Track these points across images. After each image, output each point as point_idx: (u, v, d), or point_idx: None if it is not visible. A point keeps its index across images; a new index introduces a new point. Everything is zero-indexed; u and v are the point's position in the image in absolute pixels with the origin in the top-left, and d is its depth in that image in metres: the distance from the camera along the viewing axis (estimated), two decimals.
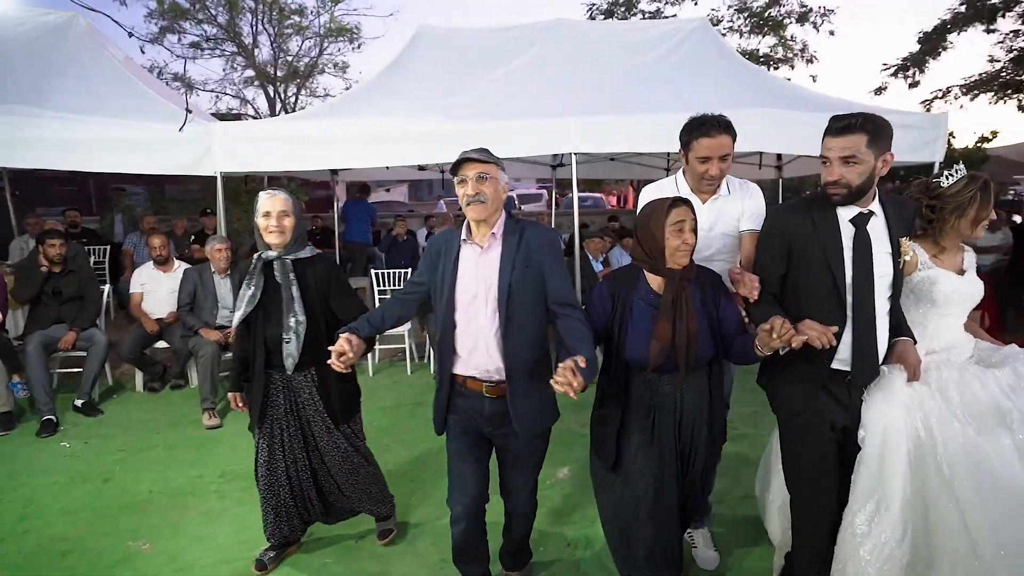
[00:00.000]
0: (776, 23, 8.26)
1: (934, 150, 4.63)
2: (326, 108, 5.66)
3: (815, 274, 1.89)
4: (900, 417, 1.86)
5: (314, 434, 2.42)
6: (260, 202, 2.27)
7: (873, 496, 1.85)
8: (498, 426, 2.01)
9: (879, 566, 1.81)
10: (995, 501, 1.74)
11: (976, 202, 2.00)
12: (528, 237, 1.97)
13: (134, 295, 4.89)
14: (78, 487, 3.21)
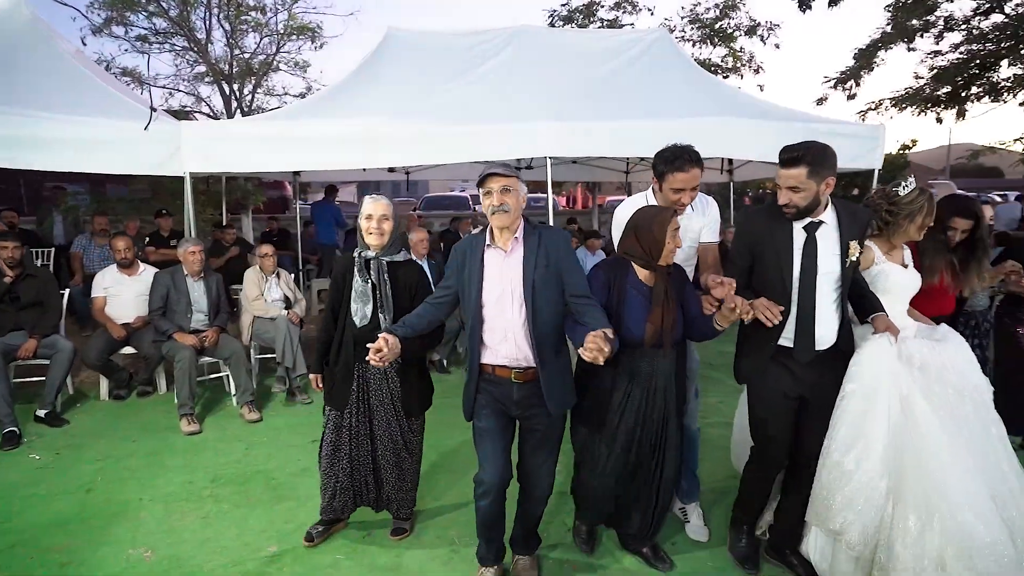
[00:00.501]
0: (727, 35, 8.77)
1: (874, 158, 5.08)
2: (298, 108, 5.59)
3: (769, 269, 2.28)
4: (886, 373, 2.17)
5: (375, 423, 2.60)
6: (364, 205, 2.53)
7: (859, 439, 2.15)
8: (527, 408, 2.24)
9: (865, 497, 2.10)
10: (960, 452, 2.06)
11: (924, 210, 2.38)
12: (545, 240, 2.22)
13: (97, 300, 4.70)
14: (60, 499, 3.10)
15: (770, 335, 2.25)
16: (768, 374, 2.33)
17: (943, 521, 1.98)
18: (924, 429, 2.09)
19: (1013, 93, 7.37)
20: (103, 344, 4.47)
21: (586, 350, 1.89)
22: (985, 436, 2.16)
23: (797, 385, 2.30)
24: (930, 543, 1.99)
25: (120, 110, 5.07)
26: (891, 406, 2.15)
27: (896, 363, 2.20)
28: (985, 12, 7.54)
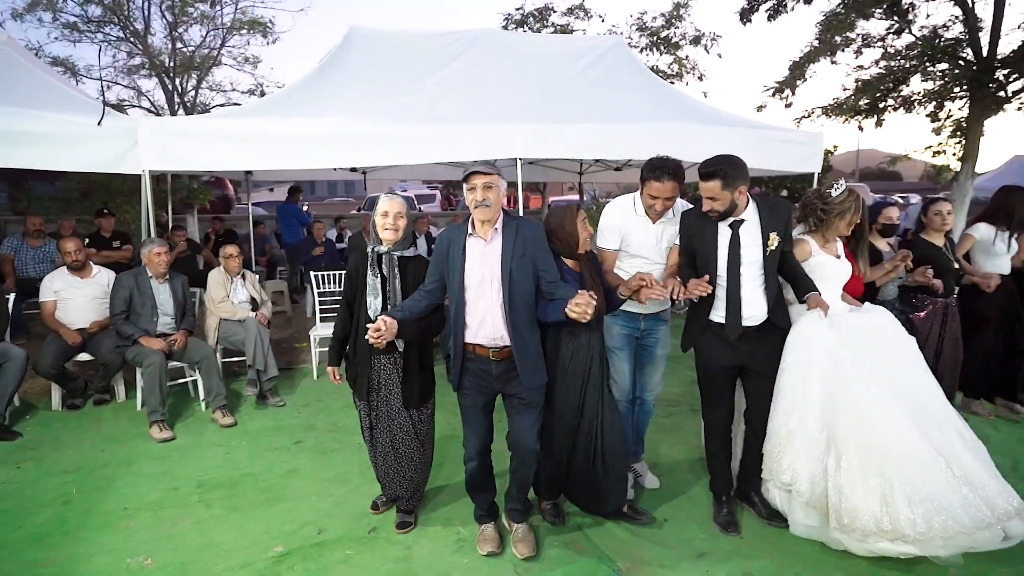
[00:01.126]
0: (672, 44, 9.23)
1: (814, 162, 5.55)
2: (259, 106, 5.44)
3: (701, 260, 2.67)
4: (819, 343, 2.57)
5: (392, 411, 2.71)
6: (380, 203, 2.63)
7: (799, 402, 2.53)
8: (507, 381, 2.48)
9: (807, 451, 2.49)
10: (890, 402, 2.42)
11: (852, 209, 2.81)
12: (522, 231, 2.44)
13: (46, 304, 4.42)
14: (34, 514, 2.94)
15: (704, 311, 2.69)
16: (706, 346, 2.73)
17: (882, 462, 2.33)
18: (856, 388, 2.46)
19: (923, 105, 8.23)
20: (57, 351, 4.22)
21: (574, 307, 2.20)
22: (918, 385, 2.54)
23: (735, 356, 2.67)
24: (873, 482, 2.33)
25: (66, 103, 4.80)
26: (824, 370, 2.53)
27: (827, 333, 2.58)
28: (896, 32, 8.36)
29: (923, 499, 2.25)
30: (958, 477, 2.30)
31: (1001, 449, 3.66)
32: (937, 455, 2.33)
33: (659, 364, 3.05)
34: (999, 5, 7.26)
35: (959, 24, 7.70)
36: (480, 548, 2.62)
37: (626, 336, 2.97)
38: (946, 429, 2.43)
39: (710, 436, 2.88)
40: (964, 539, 2.24)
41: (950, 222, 3.80)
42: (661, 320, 3.03)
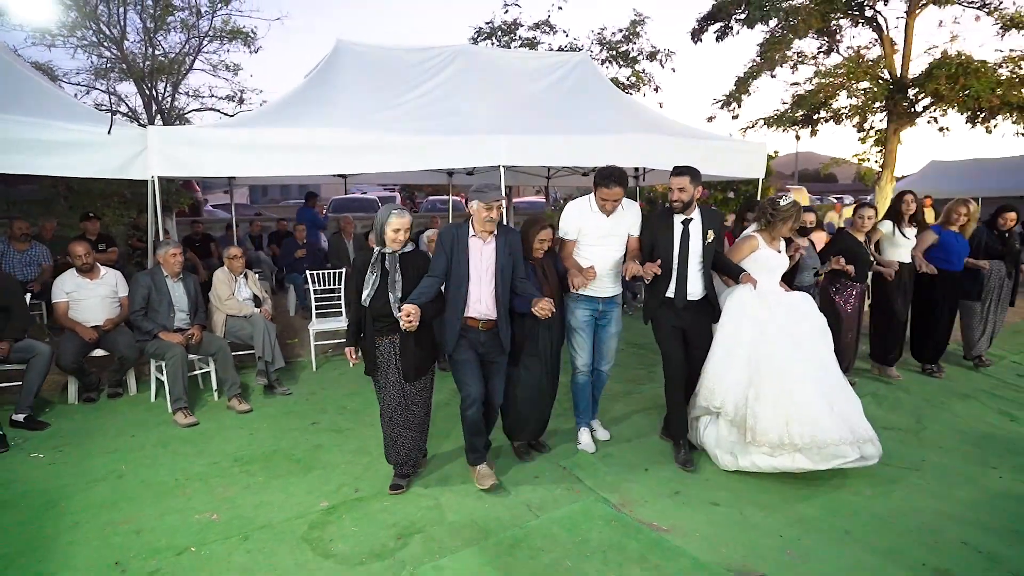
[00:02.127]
0: (630, 58, 9.97)
1: (759, 168, 6.32)
2: (257, 116, 5.77)
3: (661, 249, 3.44)
4: (748, 309, 3.39)
5: (392, 384, 3.16)
6: (392, 219, 3.09)
7: (730, 352, 3.35)
8: (488, 348, 3.24)
9: (735, 384, 3.30)
10: (797, 361, 3.25)
11: (793, 217, 3.58)
12: (508, 237, 3.23)
13: (59, 305, 4.66)
14: (94, 486, 3.28)
15: (661, 290, 3.48)
16: (661, 315, 3.52)
17: (789, 399, 3.17)
18: (774, 346, 3.28)
19: (849, 118, 9.26)
20: (76, 347, 4.48)
21: (541, 309, 3.02)
22: (819, 351, 3.37)
23: (680, 321, 3.49)
24: (780, 411, 3.16)
25: (74, 113, 5.04)
26: (751, 330, 3.34)
27: (756, 302, 3.39)
28: (826, 52, 9.38)
29: (810, 422, 3.13)
30: (835, 412, 3.19)
31: (908, 407, 4.47)
32: (823, 397, 3.21)
33: (614, 340, 3.72)
34: (909, 30, 8.31)
35: (877, 47, 8.74)
36: (481, 483, 3.20)
37: (587, 319, 3.63)
38: (832, 382, 3.31)
39: (671, 387, 3.55)
40: (833, 449, 3.12)
41: (869, 224, 4.69)
42: (614, 303, 3.69)
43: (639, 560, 2.60)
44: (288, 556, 2.65)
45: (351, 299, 3.23)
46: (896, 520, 2.91)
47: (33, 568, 2.54)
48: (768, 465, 3.21)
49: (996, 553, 2.64)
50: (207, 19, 8.55)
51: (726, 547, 2.69)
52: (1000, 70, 7.87)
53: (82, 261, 4.73)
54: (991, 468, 3.45)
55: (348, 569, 2.55)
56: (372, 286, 3.09)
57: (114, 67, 8.45)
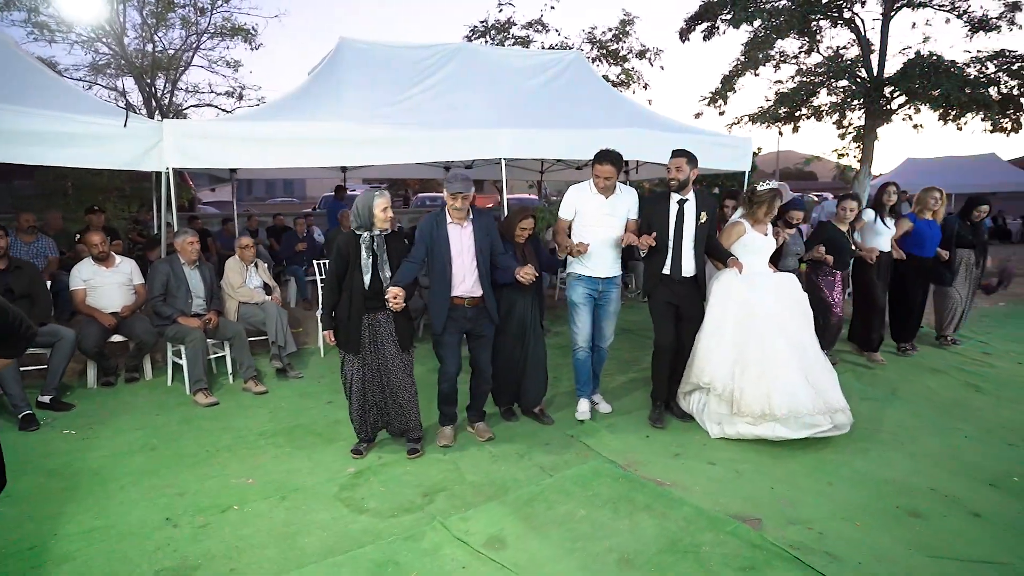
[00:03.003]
0: (620, 57, 10.29)
1: (745, 162, 6.65)
2: (266, 110, 5.95)
3: (658, 227, 3.70)
4: (735, 290, 3.69)
5: (392, 356, 3.39)
6: (377, 199, 3.28)
7: (718, 330, 3.67)
8: (476, 323, 3.54)
9: (721, 361, 3.61)
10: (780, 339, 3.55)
11: (767, 201, 3.88)
12: (483, 221, 3.52)
13: (77, 292, 4.81)
14: (131, 457, 3.47)
15: (658, 265, 3.75)
16: (658, 290, 3.79)
17: (770, 375, 3.47)
18: (759, 324, 3.59)
19: (829, 115, 9.66)
20: (97, 333, 4.64)
21: (524, 274, 3.36)
22: (800, 329, 3.67)
23: (674, 297, 3.77)
24: (762, 386, 3.46)
25: (87, 106, 5.19)
26: (737, 311, 3.65)
27: (742, 284, 3.68)
28: (807, 51, 9.77)
29: (788, 394, 3.44)
30: (811, 385, 3.50)
31: (884, 381, 4.81)
32: (801, 372, 3.52)
33: (612, 318, 3.98)
34: (885, 31, 8.72)
35: (856, 47, 9.14)
36: (440, 441, 3.61)
37: (587, 295, 3.87)
38: (811, 357, 3.62)
39: (657, 355, 3.88)
40: (808, 419, 3.41)
41: (851, 215, 4.98)
42: (614, 284, 3.91)
43: (646, 509, 2.87)
44: (325, 512, 2.88)
45: (332, 283, 3.38)
46: (873, 473, 3.23)
47: (89, 523, 2.75)
48: (751, 433, 3.51)
49: (959, 497, 2.97)
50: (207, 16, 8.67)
51: (724, 498, 2.98)
52: (968, 69, 8.32)
53: (98, 250, 4.88)
54: (957, 429, 3.79)
55: (382, 521, 2.80)
56: (369, 268, 3.29)
57: (112, 63, 8.53)
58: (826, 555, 2.49)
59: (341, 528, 2.73)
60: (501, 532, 2.68)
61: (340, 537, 2.65)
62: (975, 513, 2.83)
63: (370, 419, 3.49)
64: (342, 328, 3.37)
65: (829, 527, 2.70)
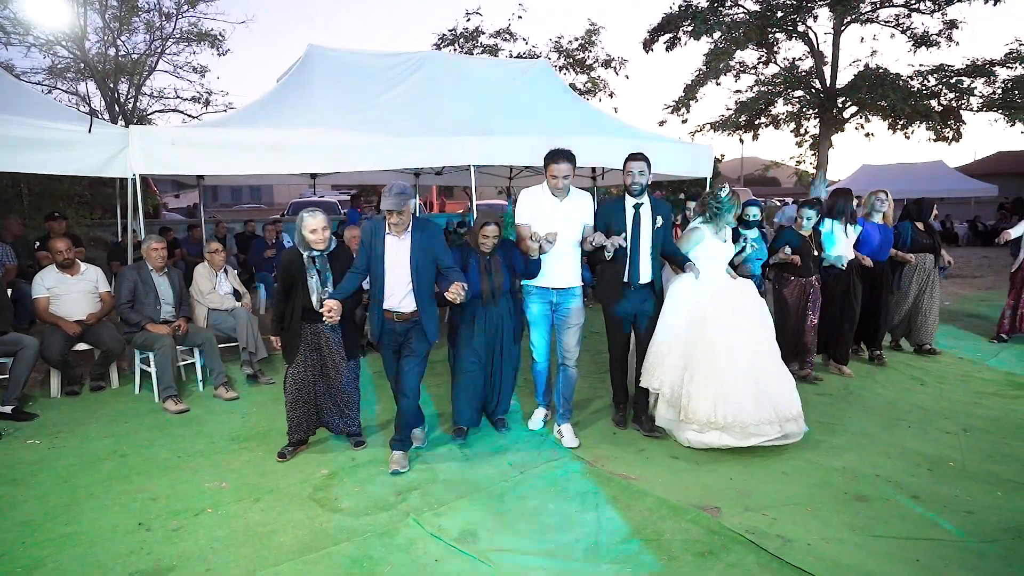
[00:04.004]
0: (586, 65, 10.54)
1: (706, 168, 6.91)
2: (233, 117, 5.94)
3: (614, 233, 3.58)
4: (689, 296, 3.68)
5: (332, 365, 3.53)
6: (305, 220, 3.31)
7: (669, 336, 3.64)
8: (407, 336, 3.39)
9: (671, 368, 3.60)
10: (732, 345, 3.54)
11: (737, 207, 3.92)
12: (425, 231, 3.35)
13: (40, 300, 4.72)
14: (101, 464, 3.45)
15: (618, 274, 3.68)
16: (613, 298, 3.72)
17: (717, 383, 3.46)
18: (710, 331, 3.56)
19: (787, 124, 10.08)
20: (60, 341, 4.57)
21: (450, 293, 3.17)
22: (755, 336, 3.64)
23: (631, 307, 3.71)
24: (709, 392, 3.46)
25: (51, 112, 5.11)
26: (690, 316, 3.63)
27: (697, 289, 3.66)
28: (765, 62, 10.18)
29: (734, 403, 3.42)
30: (761, 393, 3.48)
31: (839, 380, 5.07)
32: (751, 380, 3.49)
33: (574, 332, 3.73)
34: (836, 45, 9.16)
35: (810, 58, 9.58)
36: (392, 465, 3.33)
37: (542, 312, 3.73)
38: (764, 365, 3.58)
39: (613, 361, 3.91)
40: (754, 428, 3.41)
41: (809, 225, 4.86)
42: (571, 294, 3.71)
43: (612, 500, 3.01)
44: (300, 512, 2.93)
45: (280, 295, 3.49)
46: (823, 462, 3.43)
47: (60, 530, 2.74)
48: (698, 441, 3.51)
49: (901, 482, 3.18)
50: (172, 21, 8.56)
51: (686, 489, 3.13)
52: (912, 82, 8.80)
53: (63, 257, 4.80)
54: (901, 421, 4.05)
55: (356, 519, 2.86)
56: (316, 290, 3.38)
57: (72, 67, 8.35)
58: (779, 538, 2.65)
59: (316, 527, 2.78)
60: (474, 527, 2.77)
61: (315, 535, 2.71)
62: (914, 495, 3.05)
63: (301, 422, 3.57)
64: (285, 337, 3.50)
65: (782, 513, 2.88)
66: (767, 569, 2.43)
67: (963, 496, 3.03)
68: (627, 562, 2.49)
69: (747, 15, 8.88)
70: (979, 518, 2.84)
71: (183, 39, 8.73)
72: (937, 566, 2.46)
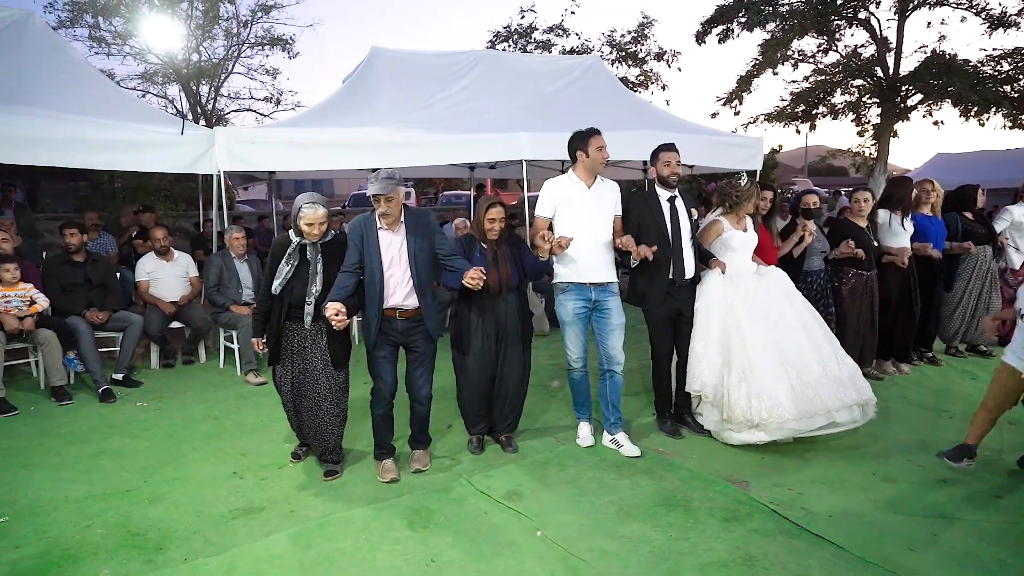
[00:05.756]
0: (638, 59, 10.61)
1: (756, 161, 6.94)
2: (305, 116, 6.47)
3: (651, 230, 3.43)
4: (719, 292, 3.57)
5: (316, 371, 3.13)
6: (304, 212, 2.99)
7: (705, 334, 3.53)
8: (409, 336, 3.13)
9: (709, 369, 3.47)
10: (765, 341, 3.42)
11: (753, 195, 3.76)
12: (417, 220, 3.11)
13: (141, 283, 5.38)
14: (197, 425, 3.98)
15: (663, 272, 3.47)
16: (656, 298, 3.53)
17: (753, 385, 3.33)
18: (742, 326, 3.45)
19: (845, 114, 9.83)
20: (159, 319, 5.20)
21: (470, 279, 2.96)
22: (794, 325, 3.50)
23: (674, 303, 3.54)
24: (744, 388, 3.35)
25: (147, 115, 5.76)
26: (722, 313, 3.52)
27: (725, 285, 3.56)
28: (824, 50, 9.94)
29: (768, 398, 3.29)
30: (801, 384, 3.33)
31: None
32: (787, 373, 3.34)
33: (618, 333, 3.42)
34: (901, 30, 8.86)
35: (872, 45, 9.30)
36: (383, 477, 3.16)
37: (579, 311, 3.40)
38: (807, 353, 3.44)
39: (658, 365, 3.71)
40: (792, 424, 3.28)
41: (866, 208, 4.56)
42: (610, 291, 3.43)
43: (646, 472, 3.26)
44: (367, 470, 3.32)
45: (266, 288, 3.13)
46: (855, 446, 3.55)
47: (171, 474, 3.26)
48: (739, 440, 3.43)
49: (932, 468, 3.28)
50: (248, 28, 9.26)
51: (717, 464, 3.34)
52: (983, 68, 8.41)
53: (160, 244, 5.44)
54: (943, 411, 4.08)
55: (416, 477, 3.24)
56: (284, 277, 3.04)
57: (160, 72, 9.19)
58: (802, 510, 2.84)
59: (381, 482, 3.17)
60: (518, 488, 3.10)
61: (380, 488, 3.10)
62: (943, 480, 3.15)
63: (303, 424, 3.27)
64: (269, 336, 3.21)
65: (809, 488, 3.05)
66: (787, 535, 2.63)
67: (994, 484, 3.11)
68: (655, 522, 2.75)
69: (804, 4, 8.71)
70: (1005, 504, 2.92)
71: (257, 44, 9.45)
72: (956, 542, 2.59)
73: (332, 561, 2.47)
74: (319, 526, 2.73)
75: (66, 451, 3.56)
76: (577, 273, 3.37)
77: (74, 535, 2.66)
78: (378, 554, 2.52)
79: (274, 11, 9.15)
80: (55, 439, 3.73)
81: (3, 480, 3.18)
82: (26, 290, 4.48)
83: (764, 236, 4.10)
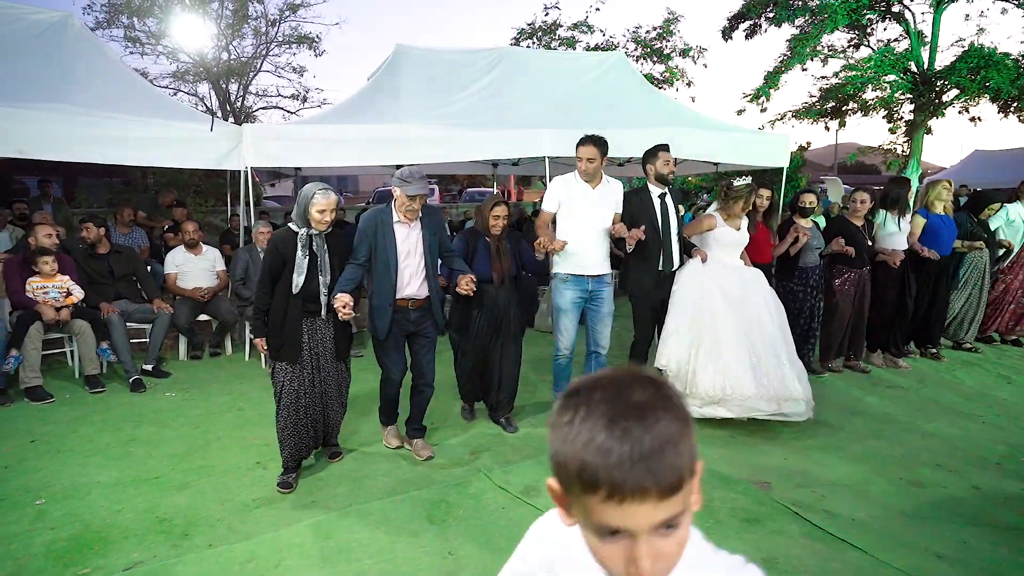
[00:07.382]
0: (663, 55, 10.49)
1: (783, 158, 6.80)
2: (329, 113, 6.56)
3: (646, 224, 3.62)
4: (695, 279, 3.77)
5: (328, 364, 3.15)
6: (317, 199, 2.93)
7: (677, 314, 3.71)
8: (420, 324, 3.34)
9: (677, 345, 3.67)
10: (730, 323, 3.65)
11: (743, 198, 3.82)
12: (431, 218, 3.31)
13: (169, 275, 5.50)
14: (222, 416, 4.07)
15: (652, 263, 3.77)
16: (646, 286, 3.82)
17: (719, 363, 3.56)
18: (715, 310, 3.67)
19: (876, 111, 9.58)
20: (188, 310, 5.32)
21: (462, 287, 3.24)
22: (762, 319, 3.70)
23: (660, 292, 3.81)
24: (711, 368, 3.56)
25: (173, 111, 5.89)
26: (696, 296, 3.72)
27: (702, 272, 3.77)
28: (855, 45, 9.69)
29: (733, 376, 3.52)
30: (759, 372, 3.55)
31: (912, 374, 4.94)
32: (750, 357, 3.58)
33: (607, 321, 3.80)
34: (936, 24, 8.59)
35: (905, 40, 9.04)
36: (389, 444, 3.48)
37: (575, 299, 3.69)
38: (768, 344, 3.65)
39: (636, 346, 3.98)
40: (751, 402, 3.50)
41: (863, 208, 4.68)
42: (604, 282, 3.73)
43: None
44: (387, 463, 3.37)
45: (266, 284, 3.01)
46: (883, 450, 3.48)
47: (197, 463, 3.34)
48: (698, 414, 3.56)
49: (963, 472, 3.19)
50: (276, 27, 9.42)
51: (739, 464, 3.30)
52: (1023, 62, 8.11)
53: (190, 236, 5.57)
54: (977, 415, 3.96)
55: (437, 470, 3.27)
56: (304, 271, 2.97)
57: (191, 71, 9.40)
58: (824, 512, 2.79)
59: (401, 475, 3.21)
60: (536, 483, 3.10)
61: (400, 482, 3.13)
62: (975, 486, 3.06)
63: (304, 438, 3.11)
64: (276, 334, 3.01)
65: (832, 491, 3.00)
66: (809, 537, 2.59)
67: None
68: None
69: None
70: None
71: (285, 42, 9.60)
72: (986, 551, 2.52)
73: (351, 551, 2.51)
74: (339, 517, 2.78)
75: (98, 438, 3.67)
76: (577, 266, 3.66)
77: (105, 519, 2.75)
78: (397, 546, 2.55)
79: (301, 10, 9.32)
80: (88, 426, 3.85)
81: (40, 465, 3.30)
82: (63, 282, 4.62)
83: (762, 233, 4.37)
